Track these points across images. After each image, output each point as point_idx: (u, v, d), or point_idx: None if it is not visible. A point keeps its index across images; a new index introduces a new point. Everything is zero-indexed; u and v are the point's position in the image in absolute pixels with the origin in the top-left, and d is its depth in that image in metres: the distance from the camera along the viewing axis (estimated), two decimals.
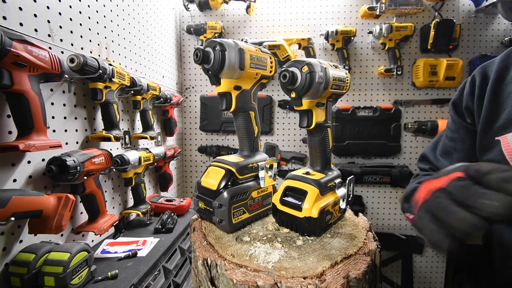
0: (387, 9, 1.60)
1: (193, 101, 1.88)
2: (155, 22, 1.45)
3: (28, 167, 0.70)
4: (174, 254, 1.01)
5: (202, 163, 1.91)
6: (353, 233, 0.57)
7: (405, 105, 1.76)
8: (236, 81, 0.59)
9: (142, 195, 1.13)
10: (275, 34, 1.79)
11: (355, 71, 1.78)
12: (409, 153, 1.77)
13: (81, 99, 0.89)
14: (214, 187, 0.57)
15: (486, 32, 1.71)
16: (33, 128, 0.63)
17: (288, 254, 0.49)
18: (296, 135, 1.83)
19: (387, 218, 1.84)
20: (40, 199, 0.63)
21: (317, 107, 0.59)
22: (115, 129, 0.95)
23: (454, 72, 1.63)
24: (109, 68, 0.88)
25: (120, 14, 1.12)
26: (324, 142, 0.61)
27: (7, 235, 0.64)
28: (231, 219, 0.56)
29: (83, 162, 0.75)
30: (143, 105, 1.19)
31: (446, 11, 1.71)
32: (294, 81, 0.54)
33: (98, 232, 0.83)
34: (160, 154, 1.25)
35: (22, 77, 0.61)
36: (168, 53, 1.65)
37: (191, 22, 1.78)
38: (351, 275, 0.43)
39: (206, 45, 0.56)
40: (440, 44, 1.62)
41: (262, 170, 0.62)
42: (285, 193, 0.59)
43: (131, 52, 1.20)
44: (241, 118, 0.63)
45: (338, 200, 0.59)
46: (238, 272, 0.43)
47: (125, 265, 0.80)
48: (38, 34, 0.73)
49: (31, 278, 0.61)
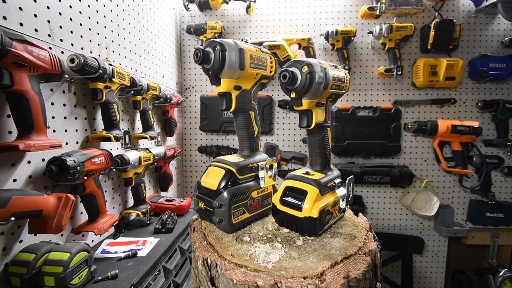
0: (387, 9, 1.60)
1: (193, 101, 1.88)
2: (155, 22, 1.45)
3: (28, 167, 0.70)
4: (174, 254, 1.01)
5: (202, 163, 1.91)
6: (353, 233, 0.57)
7: (405, 105, 1.76)
8: (236, 81, 0.59)
9: (142, 195, 1.13)
10: (275, 34, 1.79)
11: (355, 71, 1.78)
12: (409, 153, 1.77)
13: (81, 99, 0.89)
14: (214, 187, 0.57)
15: (486, 32, 1.71)
16: (33, 128, 0.63)
17: (288, 254, 0.49)
18: (296, 135, 1.83)
19: (387, 218, 1.84)
20: (40, 199, 0.63)
21: (317, 107, 0.59)
22: (115, 129, 0.95)
23: (454, 72, 1.63)
24: (109, 68, 0.88)
25: (120, 14, 1.12)
26: (323, 142, 0.61)
27: (7, 235, 0.64)
28: (231, 219, 0.56)
29: (83, 162, 0.75)
30: (143, 105, 1.19)
31: (446, 11, 1.71)
32: (294, 81, 0.54)
33: (98, 232, 0.83)
34: (160, 154, 1.25)
35: (22, 77, 0.61)
36: (168, 53, 1.65)
37: (191, 22, 1.78)
38: (351, 275, 0.43)
39: (206, 45, 0.56)
40: (440, 44, 1.62)
41: (262, 170, 0.62)
42: (285, 193, 0.59)
43: (131, 52, 1.20)
44: (241, 118, 0.63)
45: (338, 200, 0.60)
46: (238, 272, 0.43)
47: (125, 265, 0.80)
48: (38, 34, 0.73)
49: (31, 278, 0.61)
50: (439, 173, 1.77)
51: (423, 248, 1.82)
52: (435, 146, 1.70)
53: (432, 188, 1.76)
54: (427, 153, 1.77)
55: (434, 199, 1.72)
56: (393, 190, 1.81)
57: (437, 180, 1.78)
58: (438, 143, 1.70)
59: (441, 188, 1.78)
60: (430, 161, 1.77)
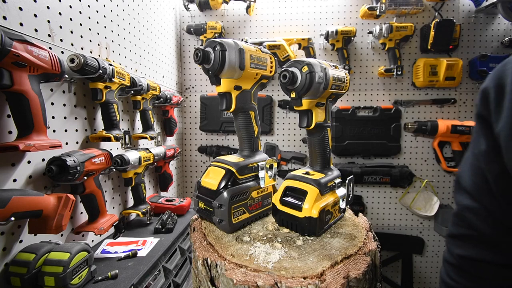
0: (387, 9, 1.60)
1: (193, 101, 1.88)
2: (155, 22, 1.45)
3: (28, 167, 0.70)
4: (174, 254, 1.01)
5: (202, 163, 1.91)
6: (353, 233, 0.57)
7: (405, 105, 1.76)
8: (236, 81, 0.59)
9: (142, 195, 1.13)
10: (275, 34, 1.79)
11: (355, 71, 1.78)
12: (409, 153, 1.77)
13: (81, 99, 0.89)
14: (214, 187, 0.57)
15: (486, 32, 1.71)
16: (33, 128, 0.63)
17: (288, 254, 0.49)
18: (296, 135, 1.83)
19: (387, 218, 1.84)
20: (40, 199, 0.63)
21: (317, 107, 0.59)
22: (115, 129, 0.95)
23: (454, 72, 1.63)
24: (109, 68, 0.88)
25: (120, 14, 1.12)
26: (323, 142, 0.61)
27: (7, 235, 0.64)
28: (231, 219, 0.56)
29: (83, 162, 0.75)
30: (143, 105, 1.19)
31: (446, 11, 1.71)
32: (294, 81, 0.54)
33: (98, 232, 0.83)
34: (160, 154, 1.25)
35: (22, 77, 0.61)
36: (168, 53, 1.65)
37: (191, 22, 1.78)
38: (351, 275, 0.43)
39: (206, 45, 0.56)
40: (440, 44, 1.62)
41: (262, 170, 0.62)
42: (285, 193, 0.59)
43: (131, 52, 1.20)
44: (241, 118, 0.63)
45: (338, 200, 0.60)
46: (238, 272, 0.43)
47: (125, 265, 0.80)
48: (38, 34, 0.73)
49: (31, 278, 0.61)
50: (439, 173, 1.77)
51: (423, 248, 1.82)
52: (435, 146, 1.70)
53: (432, 188, 1.76)
54: (427, 153, 1.77)
55: (434, 199, 1.72)
56: (393, 190, 1.81)
57: (437, 180, 1.78)
58: (438, 143, 1.70)
59: (441, 188, 1.78)
60: (430, 161, 1.77)
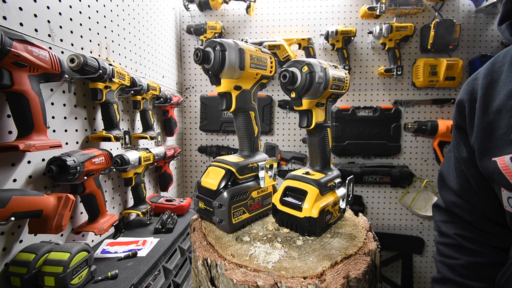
0: (387, 9, 1.60)
1: (193, 101, 1.88)
2: (155, 22, 1.45)
3: (28, 167, 0.70)
4: (174, 254, 1.01)
5: (202, 163, 1.91)
6: (353, 233, 0.57)
7: (405, 105, 1.76)
8: (236, 81, 0.59)
9: (142, 195, 1.13)
10: (275, 34, 1.79)
11: (355, 71, 1.78)
12: (409, 153, 1.77)
13: (81, 99, 0.89)
14: (214, 187, 0.57)
15: (486, 32, 1.71)
16: (33, 128, 0.63)
17: (288, 254, 0.49)
18: (296, 135, 1.83)
19: (387, 218, 1.84)
20: (40, 199, 0.63)
21: (317, 107, 0.59)
22: (115, 129, 0.95)
23: (454, 72, 1.63)
24: (109, 68, 0.88)
25: (120, 14, 1.12)
26: (323, 142, 0.61)
27: (7, 235, 0.64)
28: (231, 219, 0.56)
29: (83, 162, 0.75)
30: (143, 105, 1.19)
31: (446, 11, 1.71)
32: (294, 81, 0.54)
33: (98, 232, 0.83)
34: (160, 154, 1.25)
35: (22, 77, 0.61)
36: (168, 53, 1.65)
37: (191, 22, 1.78)
38: (351, 275, 0.43)
39: (206, 45, 0.56)
40: (440, 44, 1.62)
41: (262, 170, 0.62)
42: (285, 193, 0.59)
43: (131, 52, 1.20)
44: (241, 118, 0.63)
45: (338, 200, 0.60)
46: (238, 272, 0.43)
47: (125, 265, 0.80)
48: (38, 34, 0.73)
49: (31, 278, 0.61)
50: None
51: (423, 248, 1.82)
52: (435, 146, 1.70)
53: (432, 188, 1.76)
54: (427, 153, 1.77)
55: (434, 199, 1.72)
56: (393, 190, 1.81)
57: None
58: (438, 143, 1.70)
59: None
60: (430, 161, 1.77)
